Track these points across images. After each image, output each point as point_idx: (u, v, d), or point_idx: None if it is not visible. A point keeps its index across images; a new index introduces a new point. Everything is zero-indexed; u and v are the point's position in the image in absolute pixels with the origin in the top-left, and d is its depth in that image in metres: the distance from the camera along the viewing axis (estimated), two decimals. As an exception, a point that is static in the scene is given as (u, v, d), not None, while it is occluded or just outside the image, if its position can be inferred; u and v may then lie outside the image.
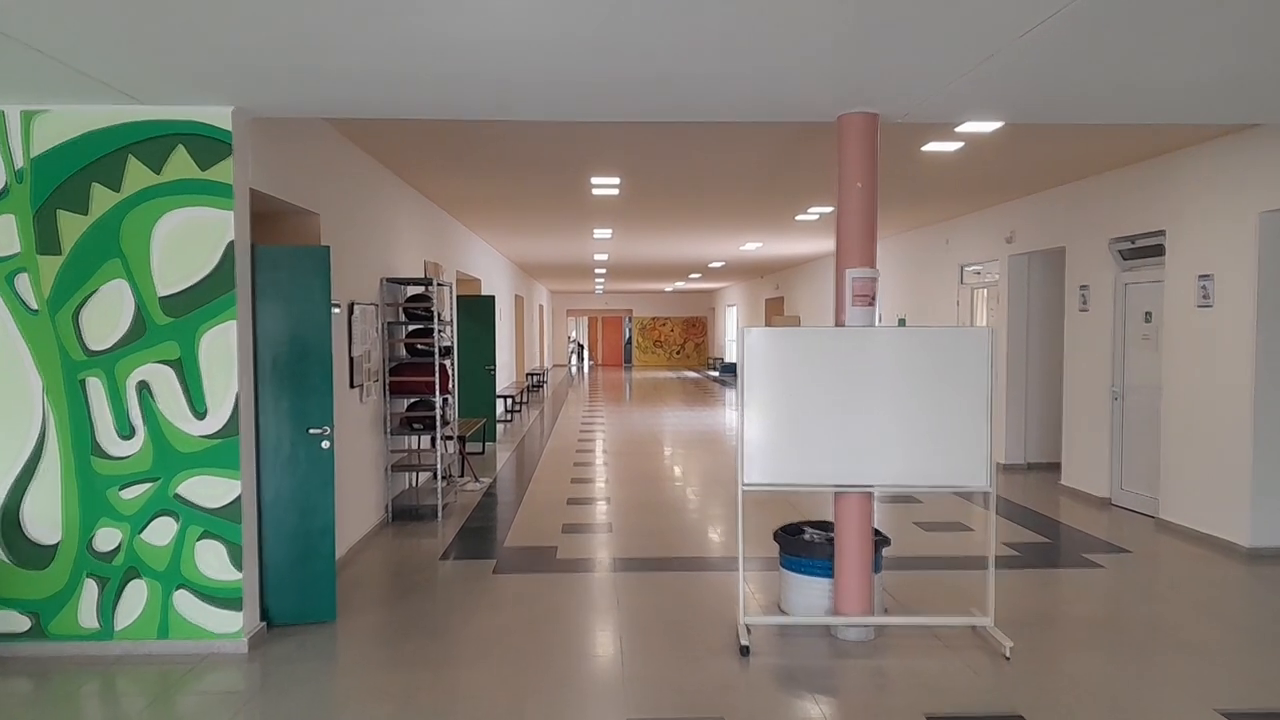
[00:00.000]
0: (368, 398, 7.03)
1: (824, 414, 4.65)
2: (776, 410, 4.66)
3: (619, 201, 9.74)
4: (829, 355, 4.63)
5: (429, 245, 9.69)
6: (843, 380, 4.63)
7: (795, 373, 4.65)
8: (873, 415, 4.64)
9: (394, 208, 8.05)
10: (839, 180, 4.74)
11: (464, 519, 7.72)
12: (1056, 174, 8.24)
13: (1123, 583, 5.80)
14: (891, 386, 4.63)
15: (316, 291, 5.00)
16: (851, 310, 4.69)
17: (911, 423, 4.64)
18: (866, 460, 4.66)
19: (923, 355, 4.62)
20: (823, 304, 18.17)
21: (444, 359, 7.97)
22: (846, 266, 4.70)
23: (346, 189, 6.57)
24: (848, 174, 4.70)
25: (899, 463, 4.65)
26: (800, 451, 4.66)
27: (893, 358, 4.62)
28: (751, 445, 4.68)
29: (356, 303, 6.69)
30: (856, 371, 4.63)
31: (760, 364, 4.66)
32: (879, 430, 4.65)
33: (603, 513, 7.92)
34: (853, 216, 4.69)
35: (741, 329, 4.68)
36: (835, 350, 4.63)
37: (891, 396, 4.63)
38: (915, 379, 4.63)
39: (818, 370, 4.64)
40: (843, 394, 4.64)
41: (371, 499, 7.21)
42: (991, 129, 6.32)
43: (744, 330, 4.66)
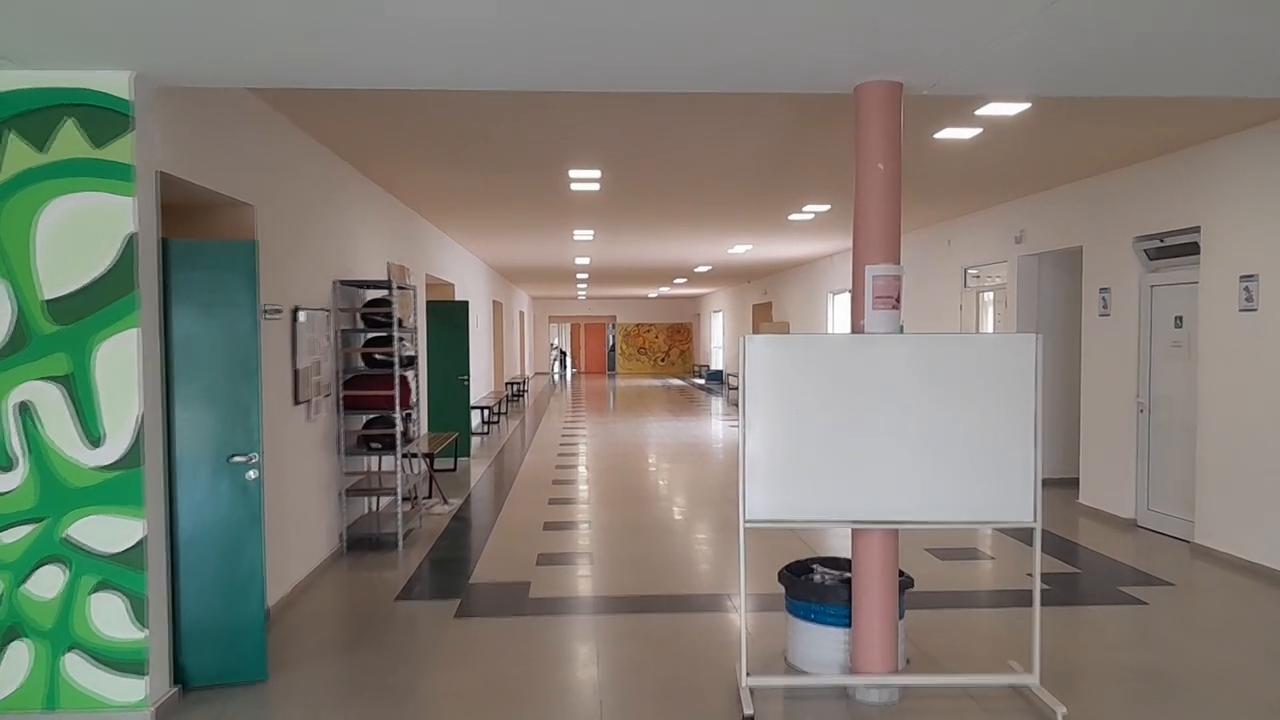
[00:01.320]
0: (316, 415, 6.26)
1: (840, 437, 3.93)
2: (784, 433, 3.94)
3: (600, 198, 9.02)
4: (846, 367, 3.92)
5: (394, 246, 8.92)
6: (862, 397, 3.92)
7: (806, 388, 3.93)
8: (898, 439, 3.93)
9: (352, 204, 7.29)
10: (856, 162, 4.03)
11: (428, 548, 6.95)
12: (1074, 168, 7.58)
13: (1173, 623, 5.10)
14: (920, 404, 3.92)
15: (241, 293, 4.24)
16: (872, 314, 3.98)
17: (944, 447, 3.93)
18: (890, 492, 3.94)
19: (957, 367, 3.91)
20: (814, 309, 17.51)
21: (406, 370, 7.21)
22: (866, 263, 3.98)
23: (292, 180, 5.81)
24: (867, 154, 3.99)
25: (929, 494, 3.94)
26: (812, 482, 3.94)
27: (921, 370, 3.91)
28: (754, 474, 3.95)
29: (302, 308, 5.92)
30: (878, 386, 3.91)
31: (764, 378, 3.94)
32: (905, 456, 3.93)
33: (583, 539, 7.17)
34: (873, 203, 3.98)
35: (743, 337, 3.96)
36: (853, 361, 3.92)
37: (920, 416, 3.92)
38: (948, 395, 3.92)
39: (833, 385, 3.92)
40: (862, 413, 3.92)
41: (322, 528, 6.43)
42: (1017, 111, 5.64)
43: (745, 339, 3.94)
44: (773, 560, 6.41)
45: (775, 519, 3.97)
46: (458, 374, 11.74)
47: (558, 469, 10.90)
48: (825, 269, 16.61)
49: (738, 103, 5.39)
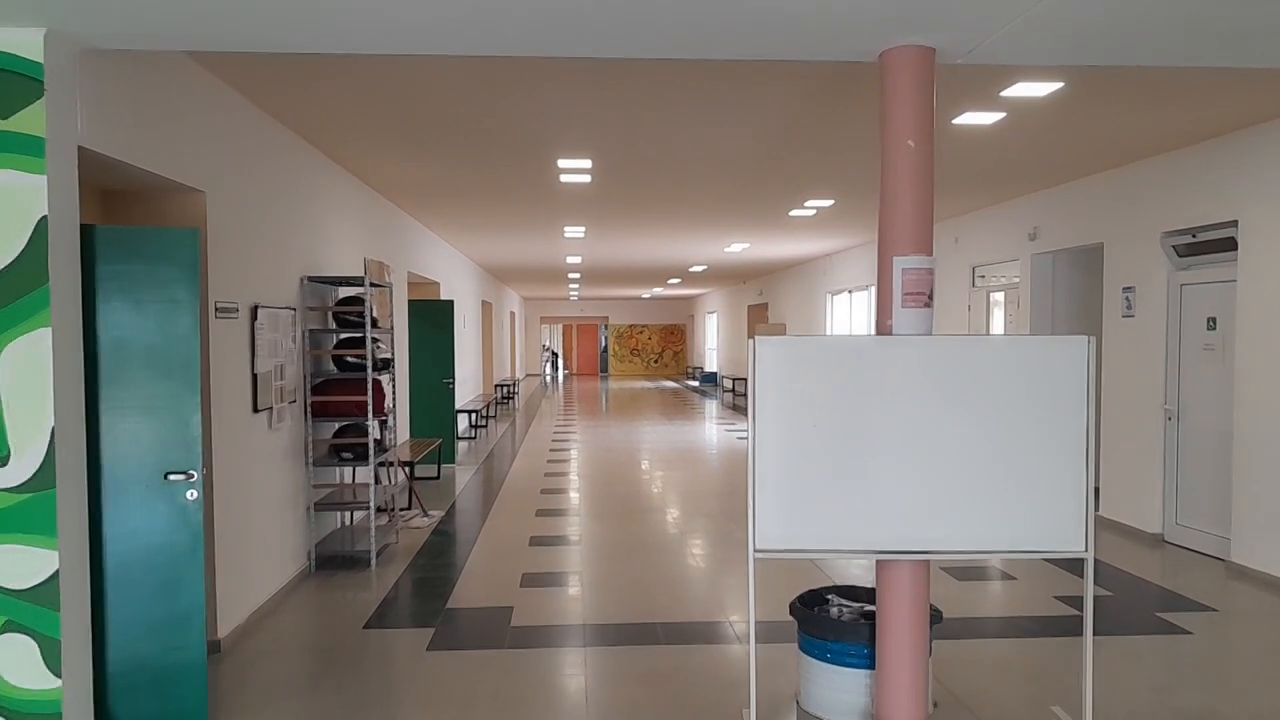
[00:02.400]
0: (280, 423, 5.72)
1: (865, 454, 3.42)
2: (800, 448, 3.42)
3: (591, 191, 8.50)
4: (871, 373, 3.41)
5: (372, 241, 8.39)
6: (890, 407, 3.41)
7: (825, 397, 3.42)
8: (931, 455, 3.42)
9: (323, 195, 6.75)
10: (881, 140, 3.52)
11: (404, 566, 6.42)
12: (1098, 158, 7.09)
13: (1224, 657, 4.61)
14: (956, 416, 3.41)
15: (181, 288, 3.71)
16: (900, 313, 3.47)
17: (983, 466, 3.42)
18: (922, 517, 3.43)
19: (999, 373, 3.41)
20: (811, 311, 17.02)
21: (381, 373, 6.68)
22: (895, 254, 3.47)
23: (251, 166, 5.28)
24: (894, 129, 3.48)
25: (966, 520, 3.43)
26: (832, 505, 3.43)
27: (958, 377, 3.40)
28: (765, 495, 3.44)
29: (263, 306, 5.39)
30: (909, 395, 3.41)
31: (777, 386, 3.42)
32: (939, 476, 3.42)
33: (572, 557, 6.64)
34: (902, 187, 3.47)
35: (752, 339, 3.44)
36: (880, 366, 3.41)
37: (957, 430, 3.41)
38: (989, 406, 3.41)
39: (856, 394, 3.41)
40: (890, 426, 3.41)
41: (286, 546, 5.89)
42: (1047, 92, 5.14)
43: (756, 341, 3.43)
44: (779, 581, 5.90)
45: (790, 548, 3.45)
46: (442, 376, 11.21)
47: (547, 476, 10.37)
48: (824, 269, 16.13)
49: (737, 86, 4.89)
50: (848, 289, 15.01)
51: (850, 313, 15.10)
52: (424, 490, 9.49)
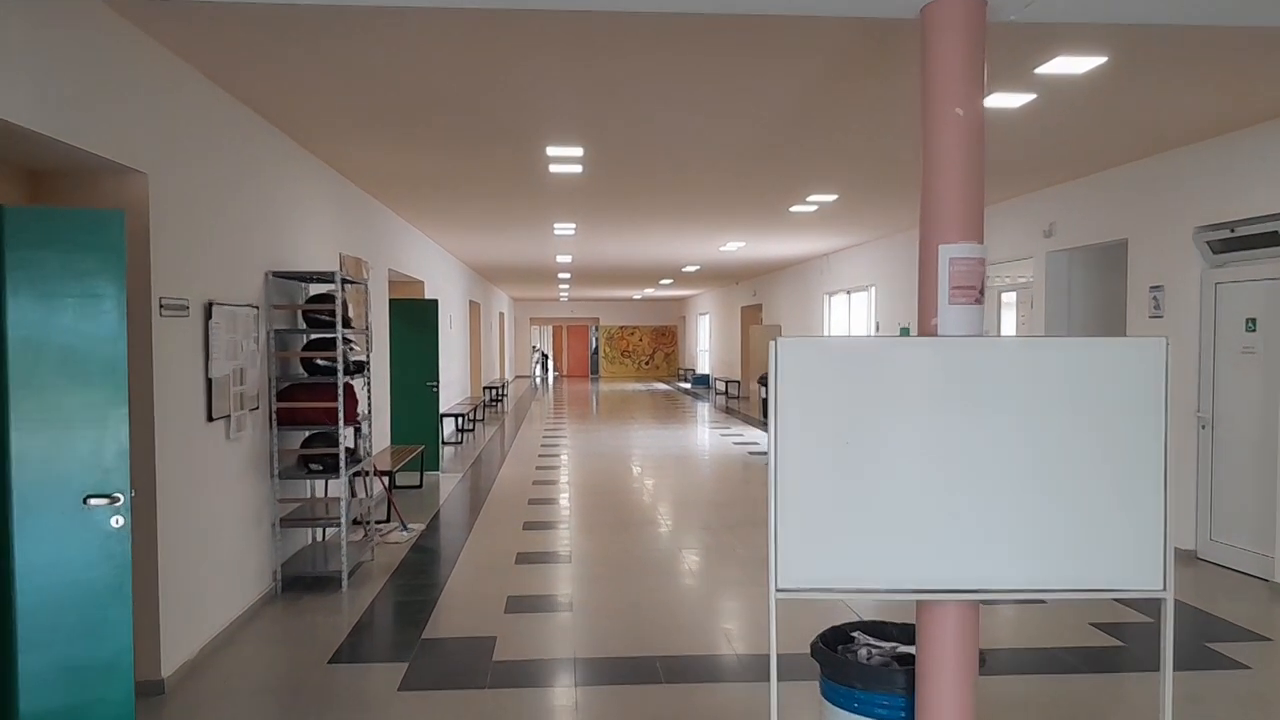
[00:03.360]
0: (239, 432, 5.19)
1: (905, 477, 2.92)
2: (829, 470, 2.92)
3: (582, 183, 7.99)
4: (914, 381, 2.91)
5: (349, 236, 7.86)
6: (935, 422, 2.91)
7: (859, 409, 2.91)
8: (982, 479, 2.92)
9: (292, 183, 6.22)
10: (923, 109, 3.02)
11: (379, 587, 5.89)
12: (1126, 147, 6.62)
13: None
14: (1012, 431, 2.91)
15: (104, 280, 3.19)
16: (947, 310, 2.96)
17: (1043, 491, 2.92)
18: (971, 551, 2.93)
19: (1062, 381, 2.91)
20: (807, 312, 16.54)
21: (353, 377, 6.14)
22: (940, 241, 2.97)
23: (206, 147, 4.74)
24: (939, 95, 2.97)
25: (1021, 555, 2.93)
26: (868, 538, 2.92)
27: (1014, 385, 2.90)
28: (789, 527, 2.93)
29: (219, 303, 4.85)
30: (957, 407, 2.90)
31: (802, 396, 2.92)
32: (992, 503, 2.92)
33: (562, 577, 6.12)
34: (948, 162, 2.97)
35: (773, 341, 2.93)
36: (923, 373, 2.90)
37: (1012, 447, 2.91)
38: (1049, 419, 2.91)
39: (895, 405, 2.91)
40: (935, 444, 2.91)
41: (248, 568, 5.35)
42: (1088, 68, 4.66)
43: (777, 343, 2.92)
44: (791, 607, 5.39)
45: (818, 588, 2.94)
46: (426, 379, 10.67)
47: (535, 485, 9.84)
48: (820, 269, 15.65)
49: (740, 67, 4.38)
50: (846, 290, 14.54)
51: (849, 314, 14.63)
52: (405, 501, 8.95)
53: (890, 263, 12.45)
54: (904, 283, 11.97)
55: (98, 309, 3.18)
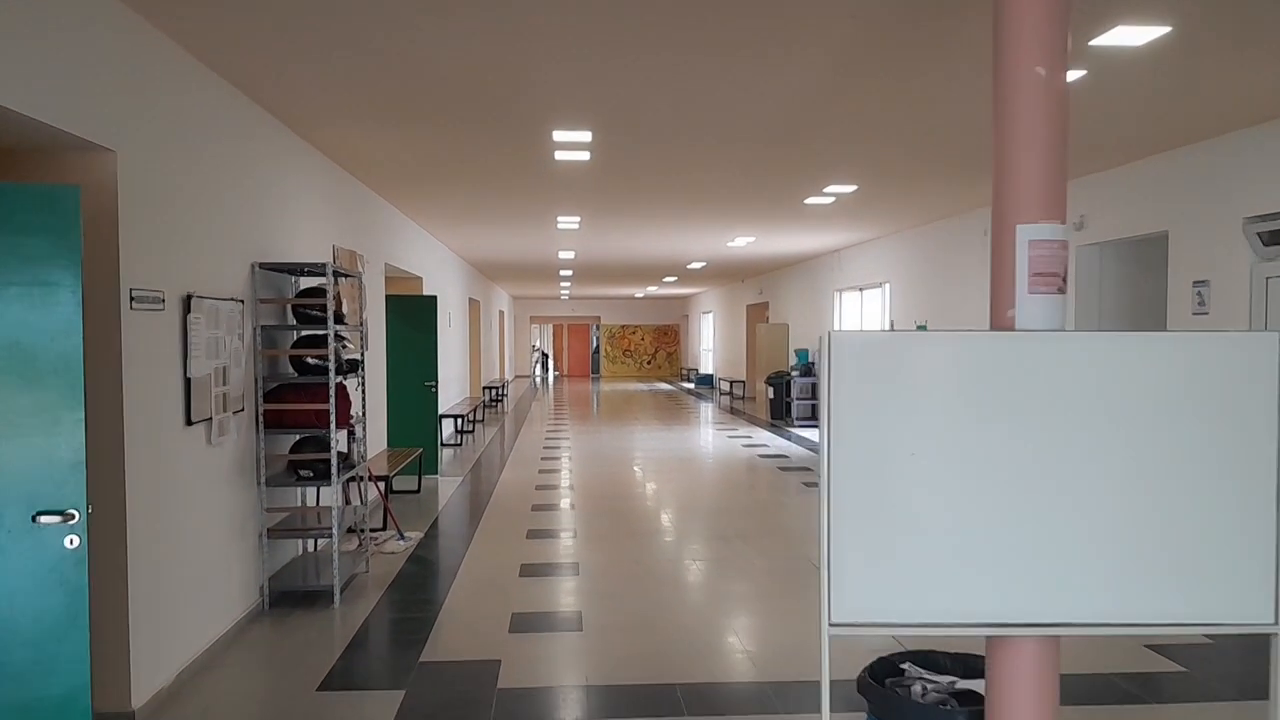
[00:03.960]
0: (222, 436, 4.78)
1: (978, 493, 2.52)
2: (891, 485, 2.52)
3: (589, 171, 7.59)
4: (989, 382, 2.51)
5: (344, 228, 7.45)
6: (1012, 430, 2.51)
7: (925, 415, 2.52)
8: (1066, 496, 2.53)
9: (283, 170, 5.82)
10: (997, 71, 2.62)
11: (373, 603, 5.49)
12: (1171, 132, 6.22)
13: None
14: (1100, 439, 2.52)
15: (56, 267, 2.79)
16: (1026, 301, 2.57)
17: (1135, 510, 2.53)
18: (1053, 580, 2.53)
19: (1158, 384, 2.52)
20: (817, 310, 16.14)
21: (346, 377, 5.75)
22: (1018, 221, 2.57)
23: (185, 126, 4.34)
24: (1017, 53, 2.58)
25: (1110, 584, 2.54)
26: (934, 564, 2.53)
27: (1104, 388, 2.51)
28: (844, 551, 2.53)
29: (199, 296, 4.45)
30: (1037, 413, 2.51)
31: (859, 399, 2.52)
32: (1077, 524, 2.53)
33: (569, 591, 5.72)
34: (1028, 129, 2.57)
35: (825, 334, 2.54)
36: (999, 372, 2.51)
37: (1101, 460, 2.52)
38: (1144, 427, 2.52)
39: (967, 410, 2.51)
40: (1012, 456, 2.52)
41: (231, 582, 4.95)
42: (1149, 39, 4.26)
43: (829, 336, 2.52)
44: (806, 611, 5.00)
45: (878, 622, 2.55)
46: (424, 379, 10.27)
47: (538, 490, 9.44)
48: (831, 266, 15.26)
49: (763, 37, 3.99)
50: (858, 286, 14.14)
51: (861, 312, 14.23)
52: (402, 507, 8.55)
53: (906, 258, 12.06)
54: (920, 279, 11.58)
55: (49, 299, 2.79)
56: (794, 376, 16.08)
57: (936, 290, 11.11)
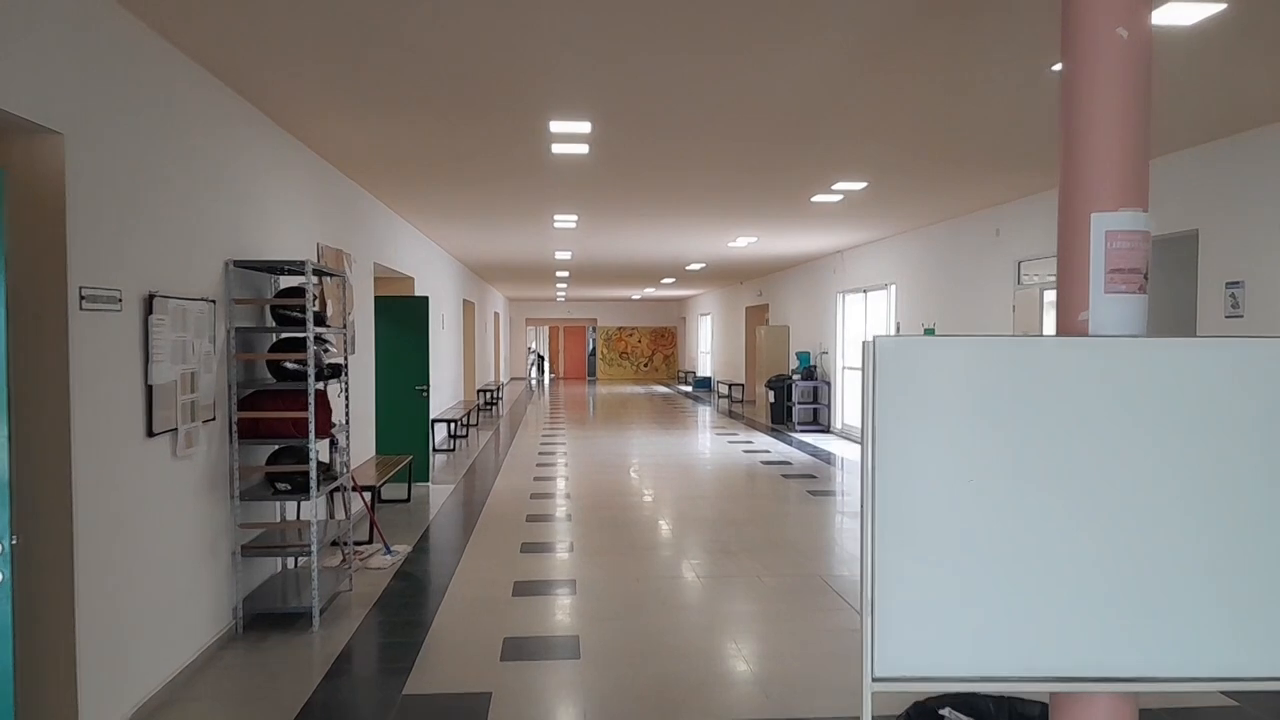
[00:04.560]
0: (190, 448, 4.41)
1: (1044, 525, 2.16)
2: (944, 518, 2.16)
3: (588, 166, 7.22)
4: (1058, 397, 2.15)
5: (329, 226, 7.08)
6: (1087, 452, 2.15)
7: (985, 437, 2.15)
8: (1150, 530, 2.16)
9: (261, 162, 5.44)
10: (1067, 29, 2.26)
11: (356, 625, 5.12)
12: (1198, 127, 5.88)
13: None
14: (1192, 464, 2.15)
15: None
16: (1103, 303, 2.21)
17: (1231, 548, 2.17)
18: (1126, 627, 2.17)
19: (1256, 401, 2.15)
20: (819, 313, 15.79)
21: (327, 382, 5.37)
22: (1092, 208, 2.21)
23: (147, 109, 3.96)
24: (1092, 11, 2.22)
25: (1199, 633, 2.17)
26: (994, 609, 2.16)
27: (1193, 406, 2.15)
28: (891, 597, 2.16)
29: (163, 295, 4.07)
30: (1114, 434, 2.15)
31: (909, 418, 2.16)
32: (1160, 564, 2.17)
33: (567, 613, 5.35)
34: (1105, 99, 2.21)
35: (869, 340, 2.17)
36: (1070, 386, 2.15)
37: (1188, 489, 2.16)
38: (1240, 451, 2.16)
39: (1033, 430, 2.15)
40: (1086, 484, 2.15)
41: (201, 605, 4.57)
42: (1199, 18, 3.91)
43: (875, 344, 2.16)
44: (842, 649, 4.63)
45: (929, 676, 2.18)
46: (416, 383, 9.89)
47: (533, 498, 9.06)
48: (834, 267, 14.91)
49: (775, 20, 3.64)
50: (862, 288, 13.79)
51: (865, 315, 13.88)
52: (391, 517, 8.17)
53: (913, 259, 11.71)
54: (928, 280, 11.23)
55: (-32, 297, 2.41)
56: (795, 380, 15.73)
57: (945, 292, 10.76)
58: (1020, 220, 8.97)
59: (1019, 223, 9.00)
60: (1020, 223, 8.98)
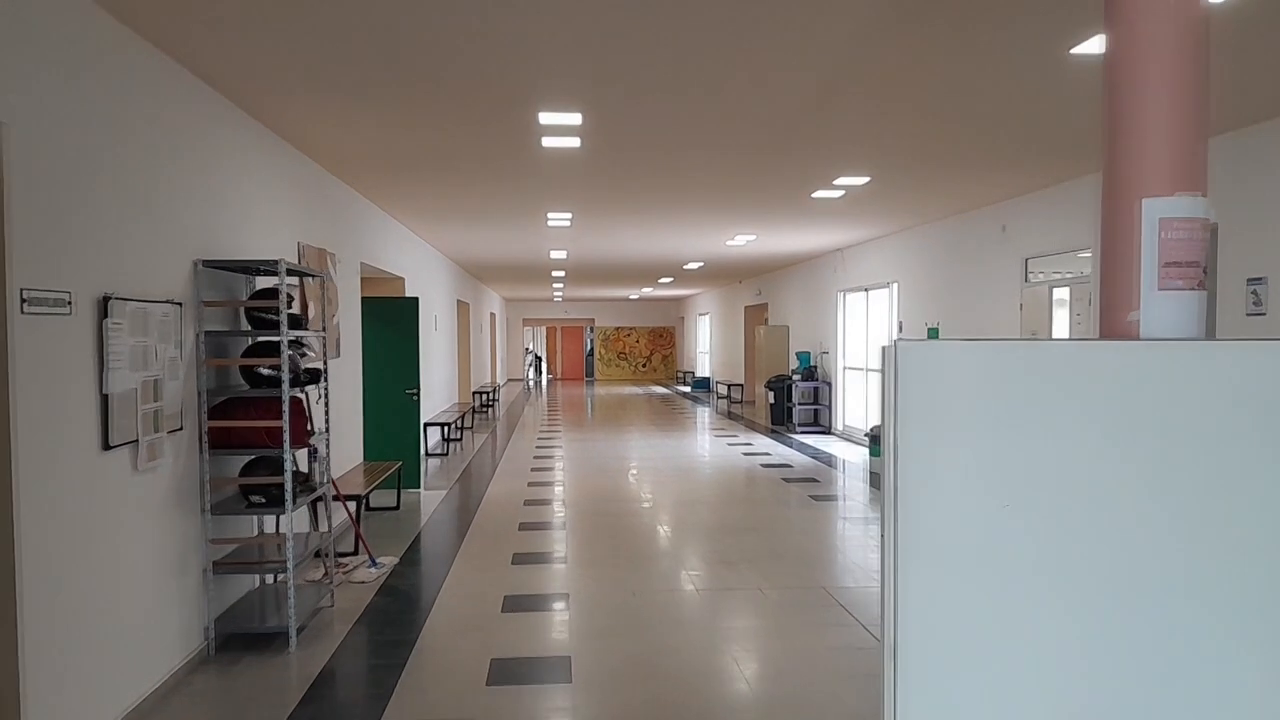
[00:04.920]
0: (154, 460, 4.13)
1: (1092, 559, 1.88)
2: (979, 550, 1.88)
3: (580, 160, 6.95)
4: (1101, 410, 1.87)
5: (312, 225, 6.80)
6: (1142, 475, 1.87)
7: (1017, 456, 1.87)
8: (1216, 570, 1.89)
9: (235, 157, 5.17)
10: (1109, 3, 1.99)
11: (336, 645, 4.84)
12: (1218, 116, 5.61)
13: None
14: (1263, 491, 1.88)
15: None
16: (1155, 300, 1.93)
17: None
18: (1194, 687, 1.89)
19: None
20: (820, 313, 15.52)
21: (304, 387, 5.10)
22: (1144, 193, 1.94)
23: (104, 99, 3.69)
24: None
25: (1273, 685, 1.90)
26: (1034, 660, 1.89)
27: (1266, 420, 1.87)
28: (914, 652, 1.88)
29: (120, 297, 3.80)
30: (1176, 454, 1.87)
31: (938, 435, 1.88)
32: (1229, 612, 1.89)
33: (560, 631, 5.07)
34: (1155, 69, 1.94)
35: (891, 343, 1.89)
36: (1114, 397, 1.87)
37: (1268, 510, 1.88)
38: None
39: (1076, 448, 1.87)
40: (1138, 512, 1.87)
41: (168, 627, 4.30)
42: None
43: (896, 346, 1.88)
44: (829, 653, 4.36)
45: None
46: (406, 386, 9.61)
47: (528, 505, 8.79)
48: (834, 265, 14.64)
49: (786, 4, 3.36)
50: (864, 287, 13.53)
51: (867, 314, 13.61)
52: (379, 525, 7.89)
53: (916, 257, 11.44)
54: (931, 279, 10.96)
55: None
56: (795, 381, 15.46)
57: (949, 291, 10.49)
58: (1028, 216, 8.71)
59: (1027, 219, 8.73)
60: (1028, 218, 8.71)
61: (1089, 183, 7.69)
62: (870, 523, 7.85)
